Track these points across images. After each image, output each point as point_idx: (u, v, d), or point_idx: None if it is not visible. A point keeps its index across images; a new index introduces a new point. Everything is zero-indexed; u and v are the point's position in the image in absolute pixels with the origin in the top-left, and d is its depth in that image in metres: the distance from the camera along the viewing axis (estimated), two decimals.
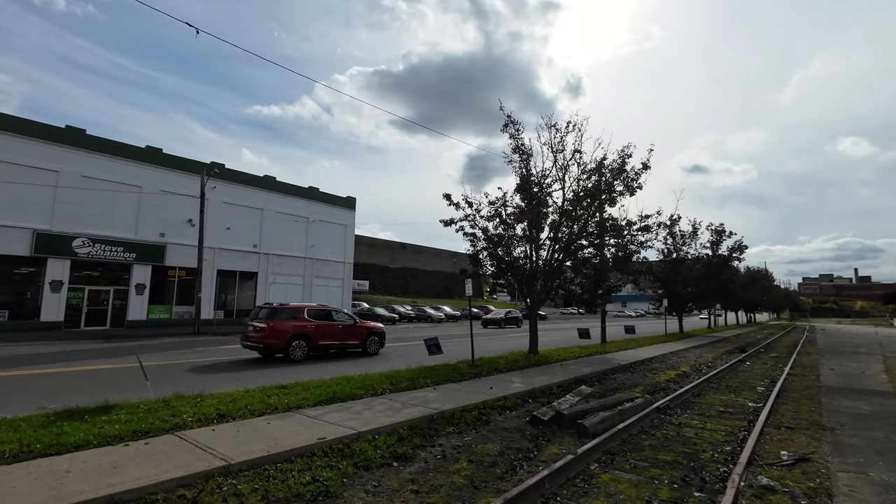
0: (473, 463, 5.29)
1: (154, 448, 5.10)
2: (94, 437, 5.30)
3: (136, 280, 25.63)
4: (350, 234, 38.05)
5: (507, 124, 14.46)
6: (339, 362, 13.04)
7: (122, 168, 25.26)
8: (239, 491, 4.23)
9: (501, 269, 14.70)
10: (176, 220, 27.00)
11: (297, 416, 6.64)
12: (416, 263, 70.08)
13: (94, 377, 10.31)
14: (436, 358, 12.19)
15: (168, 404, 6.87)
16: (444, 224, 14.41)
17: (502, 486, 4.60)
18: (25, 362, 12.29)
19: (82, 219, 23.59)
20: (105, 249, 24.37)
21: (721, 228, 33.26)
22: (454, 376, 10.13)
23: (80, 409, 6.38)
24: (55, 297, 22.78)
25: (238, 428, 5.95)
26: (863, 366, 15.51)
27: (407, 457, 5.39)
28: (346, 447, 5.46)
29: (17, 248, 21.78)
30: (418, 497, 4.36)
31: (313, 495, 4.26)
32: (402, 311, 40.64)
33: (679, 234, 30.37)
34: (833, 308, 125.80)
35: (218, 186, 27.70)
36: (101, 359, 13.26)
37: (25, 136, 22.16)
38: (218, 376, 10.53)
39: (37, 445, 4.93)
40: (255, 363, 12.90)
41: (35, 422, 5.85)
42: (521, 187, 14.53)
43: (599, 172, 14.49)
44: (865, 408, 8.82)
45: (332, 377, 9.54)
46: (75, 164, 23.55)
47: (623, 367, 13.54)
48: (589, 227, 14.78)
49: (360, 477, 4.78)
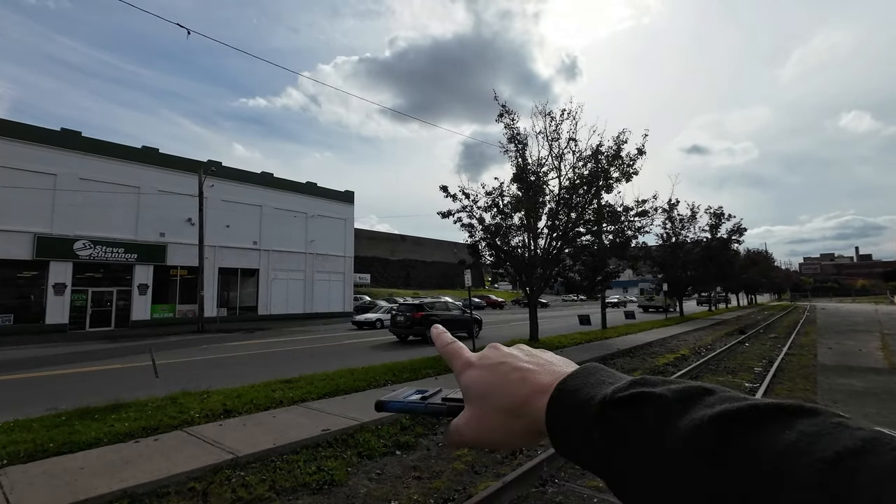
0: (474, 449, 5.44)
1: (163, 444, 5.26)
2: (105, 434, 5.46)
3: (139, 280, 25.79)
4: (349, 228, 38.12)
5: (502, 114, 14.47)
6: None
7: (119, 169, 25.27)
8: (247, 482, 4.39)
9: (500, 258, 14.82)
10: (175, 220, 27.07)
11: (301, 409, 6.80)
12: (417, 255, 70.24)
13: (102, 377, 10.49)
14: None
15: (176, 401, 7.03)
16: (442, 216, 14.50)
17: (502, 471, 4.76)
18: (33, 365, 12.48)
19: (82, 221, 23.66)
20: (106, 251, 24.49)
21: (720, 211, 33.29)
22: None
23: (91, 409, 6.55)
24: (59, 300, 22.96)
25: (244, 422, 6.11)
26: (860, 344, 15.67)
27: (409, 445, 5.55)
28: (349, 437, 5.62)
29: (18, 252, 21.90)
30: (421, 483, 4.52)
31: (319, 484, 4.42)
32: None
33: (678, 218, 30.44)
34: (834, 287, 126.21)
35: (216, 184, 27.70)
36: (108, 359, 13.44)
37: (21, 140, 22.16)
38: (224, 372, 10.70)
39: (50, 444, 5.09)
40: (260, 359, 13.09)
41: (47, 422, 6.01)
42: (517, 176, 14.58)
43: (595, 159, 14.52)
44: (859, 384, 8.98)
45: (335, 371, 9.70)
46: (72, 167, 23.56)
47: (623, 351, 13.71)
48: (586, 214, 14.85)
49: (364, 465, 4.94)
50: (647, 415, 0.34)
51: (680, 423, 0.32)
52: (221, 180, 28.77)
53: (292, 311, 32.27)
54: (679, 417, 0.33)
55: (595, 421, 0.36)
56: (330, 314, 34.21)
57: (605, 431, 0.36)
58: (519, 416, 0.44)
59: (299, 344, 17.22)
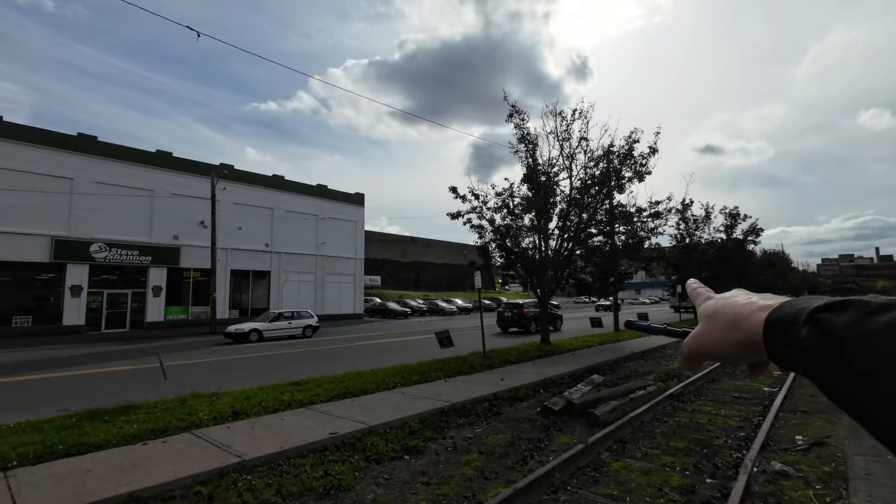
0: (484, 454, 5.32)
1: (171, 446, 5.24)
2: (114, 436, 5.45)
3: (153, 282, 26.13)
4: (360, 230, 38.22)
5: (512, 114, 14.34)
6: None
7: (133, 173, 25.68)
8: (253, 486, 4.33)
9: (511, 260, 14.66)
10: (188, 222, 27.39)
11: (309, 411, 6.74)
12: (427, 257, 70.21)
13: (115, 378, 10.58)
14: (448, 351, 12.24)
15: (185, 403, 7.03)
16: (451, 217, 14.39)
17: (512, 477, 4.63)
18: (48, 366, 12.65)
19: (98, 224, 24.06)
20: (121, 253, 24.86)
21: (735, 212, 32.62)
22: (465, 368, 10.17)
23: (101, 410, 6.57)
24: (76, 302, 23.35)
25: (252, 425, 6.07)
26: None
27: (418, 449, 5.45)
28: (357, 441, 5.54)
29: (37, 254, 22.34)
30: (429, 489, 4.41)
31: (326, 489, 4.34)
32: (414, 304, 40.79)
33: (691, 218, 29.92)
34: (853, 288, 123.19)
35: (228, 187, 27.99)
36: (121, 360, 13.59)
37: (39, 146, 22.64)
38: (233, 374, 10.72)
39: (59, 446, 5.09)
40: (267, 360, 13.12)
41: (58, 423, 6.03)
42: (527, 177, 14.42)
43: (607, 159, 14.30)
44: None
45: (343, 373, 9.64)
46: (88, 171, 24.00)
47: (636, 354, 13.46)
48: (598, 214, 14.63)
49: (372, 470, 4.85)
50: (852, 312, 0.40)
51: (878, 318, 0.38)
52: (233, 183, 29.06)
53: None
54: (878, 315, 0.38)
55: (805, 322, 0.43)
56: (341, 316, 34.30)
57: (813, 328, 0.42)
58: (739, 329, 0.51)
59: (309, 345, 17.24)
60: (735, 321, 0.52)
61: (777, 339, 0.47)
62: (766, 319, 0.48)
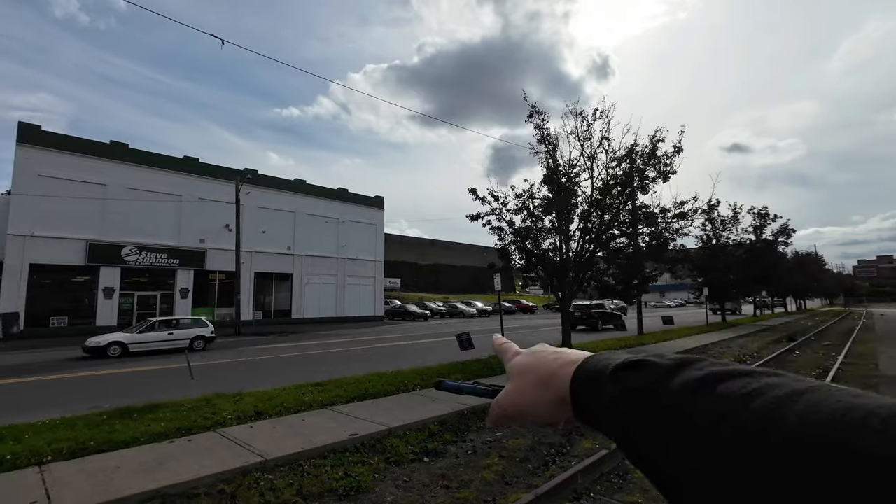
0: (504, 458, 5.25)
1: (196, 445, 5.34)
2: (142, 434, 5.59)
3: (181, 285, 26.90)
4: (380, 233, 38.52)
5: (532, 115, 14.20)
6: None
7: (163, 178, 26.53)
8: (275, 486, 4.37)
9: (531, 262, 14.50)
10: (214, 226, 28.11)
11: (330, 412, 6.79)
12: (446, 259, 70.25)
13: (144, 378, 10.90)
14: (468, 353, 12.17)
15: (209, 403, 7.17)
16: (471, 219, 14.32)
17: (534, 482, 4.55)
18: (82, 366, 13.14)
19: (129, 228, 24.94)
20: (151, 256, 25.69)
21: (765, 212, 31.64)
22: (485, 371, 10.10)
23: (130, 409, 6.76)
24: (108, 303, 24.23)
25: (275, 425, 6.14)
26: None
27: (437, 452, 5.41)
28: (377, 443, 5.54)
29: (72, 258, 23.30)
30: (449, 492, 4.37)
31: (346, 490, 4.34)
32: (434, 307, 40.79)
33: (718, 219, 29.09)
34: (893, 292, 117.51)
35: (252, 192, 28.61)
36: (149, 360, 13.99)
37: (75, 153, 23.63)
38: (257, 374, 10.91)
39: (90, 443, 5.25)
40: (292, 362, 13.30)
41: (90, 420, 6.23)
42: (547, 178, 14.25)
43: (630, 159, 14.02)
44: None
45: (363, 374, 9.69)
46: (120, 177, 24.91)
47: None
48: (621, 215, 14.35)
49: (391, 472, 4.84)
50: (646, 374, 0.41)
51: (672, 382, 0.38)
52: (257, 188, 29.69)
53: (324, 314, 32.83)
54: (672, 378, 0.39)
55: (607, 381, 0.43)
56: (361, 318, 34.60)
57: (614, 388, 0.42)
58: (549, 386, 0.50)
59: (330, 347, 17.42)
60: (546, 377, 0.51)
61: (583, 394, 0.46)
62: (573, 378, 0.48)
